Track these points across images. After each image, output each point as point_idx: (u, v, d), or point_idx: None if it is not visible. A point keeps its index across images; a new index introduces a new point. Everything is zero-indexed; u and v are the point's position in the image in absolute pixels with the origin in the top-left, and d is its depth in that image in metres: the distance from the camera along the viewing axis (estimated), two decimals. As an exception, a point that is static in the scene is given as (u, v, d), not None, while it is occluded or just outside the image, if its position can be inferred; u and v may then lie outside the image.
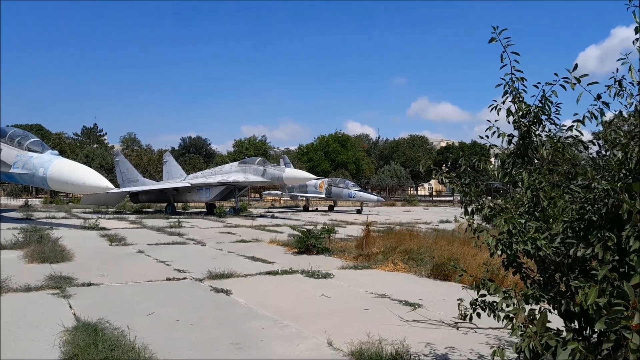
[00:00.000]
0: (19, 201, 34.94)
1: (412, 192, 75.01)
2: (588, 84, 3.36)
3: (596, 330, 2.59)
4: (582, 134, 3.62)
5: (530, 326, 2.79)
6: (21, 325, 5.65)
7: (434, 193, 76.36)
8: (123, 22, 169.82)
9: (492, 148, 4.02)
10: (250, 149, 62.59)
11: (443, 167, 4.27)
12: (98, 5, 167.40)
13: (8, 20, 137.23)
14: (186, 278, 8.83)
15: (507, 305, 3.16)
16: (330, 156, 70.03)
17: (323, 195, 36.67)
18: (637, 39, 3.25)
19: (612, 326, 2.29)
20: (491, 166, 4.49)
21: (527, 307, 3.14)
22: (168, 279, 8.66)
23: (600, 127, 3.69)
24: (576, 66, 3.41)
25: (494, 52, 3.84)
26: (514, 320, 2.96)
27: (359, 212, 34.64)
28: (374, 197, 36.55)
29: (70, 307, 6.54)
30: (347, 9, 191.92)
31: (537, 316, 2.97)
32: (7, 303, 6.64)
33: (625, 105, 3.42)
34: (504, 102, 3.79)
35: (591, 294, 2.51)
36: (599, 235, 2.81)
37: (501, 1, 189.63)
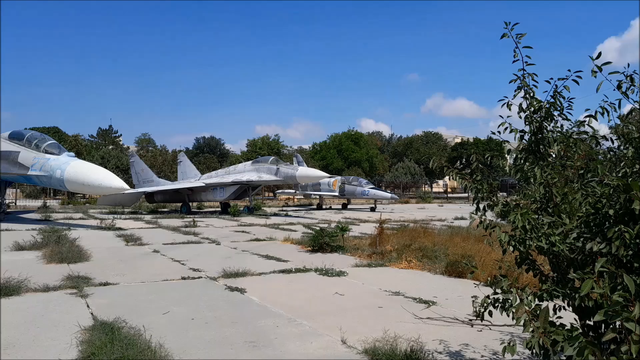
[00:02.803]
0: (38, 202, 35.51)
1: (426, 189, 74.51)
2: (609, 73, 3.29)
3: (594, 321, 2.55)
4: (594, 130, 3.57)
5: (534, 321, 2.77)
6: (40, 324, 5.75)
7: (449, 190, 75.90)
8: (137, 23, 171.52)
9: (504, 144, 3.98)
10: (264, 148, 62.80)
11: (457, 164, 4.22)
12: (112, 7, 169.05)
13: (23, 23, 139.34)
14: (201, 277, 8.91)
15: (513, 300, 3.14)
16: (344, 154, 69.91)
17: (336, 194, 36.64)
18: None
19: (612, 317, 2.27)
20: (506, 162, 4.45)
21: (533, 303, 3.11)
22: (183, 278, 8.74)
23: (617, 121, 3.63)
24: (600, 54, 3.35)
25: (510, 45, 3.80)
26: (517, 315, 2.94)
27: (372, 209, 34.56)
28: (388, 195, 36.40)
29: (88, 306, 6.64)
30: (360, 6, 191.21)
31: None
32: (26, 303, 6.76)
33: (637, 101, 3.35)
34: (514, 97, 3.75)
35: (586, 285, 2.49)
36: (615, 229, 2.77)
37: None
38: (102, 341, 4.86)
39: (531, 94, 3.71)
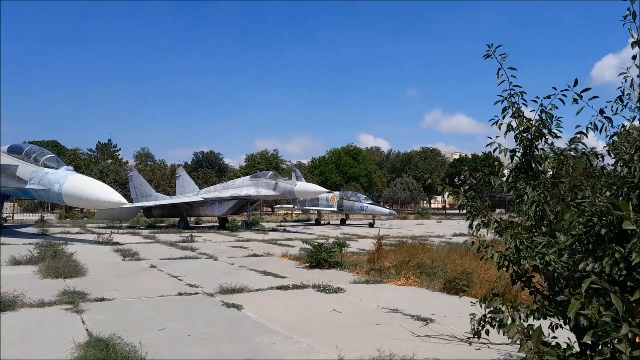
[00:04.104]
0: (35, 216, 35.40)
1: (424, 205, 74.54)
2: (589, 99, 3.35)
3: (585, 342, 2.54)
4: (585, 146, 3.60)
5: (528, 341, 2.76)
6: (34, 340, 5.70)
7: (447, 206, 75.81)
8: (136, 37, 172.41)
9: (496, 163, 4.02)
10: (262, 163, 62.89)
11: (456, 180, 4.25)
12: (110, 21, 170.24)
13: (23, 37, 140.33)
14: (198, 293, 8.86)
15: (505, 319, 3.13)
16: (342, 169, 70.04)
17: (335, 209, 36.63)
18: (634, 56, 3.25)
19: (601, 338, 2.27)
20: (503, 179, 4.47)
21: (528, 321, 3.10)
22: (180, 294, 8.69)
23: (609, 138, 3.66)
24: (576, 81, 3.41)
25: (509, 61, 3.83)
26: (509, 334, 2.93)
27: (371, 225, 34.53)
28: (386, 211, 36.40)
29: (83, 322, 6.59)
30: (359, 20, 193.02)
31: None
32: (21, 318, 6.71)
33: (629, 120, 3.40)
34: (503, 117, 3.79)
35: (573, 306, 2.49)
36: (607, 248, 2.78)
37: (516, 11, 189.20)
38: (97, 358, 4.82)
39: (520, 114, 3.74)
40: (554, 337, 3.03)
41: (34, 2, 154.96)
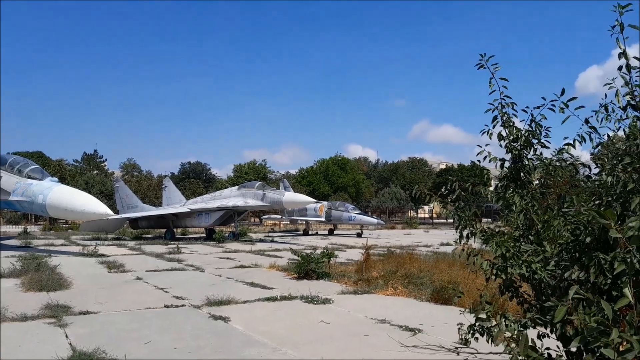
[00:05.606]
0: (18, 228, 34.83)
1: (412, 214, 74.87)
2: (575, 109, 3.41)
3: (573, 348, 2.56)
4: (573, 157, 3.65)
5: (515, 347, 2.77)
6: (16, 355, 5.58)
7: (435, 215, 76.24)
8: (122, 46, 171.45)
9: (485, 172, 4.05)
10: (250, 174, 62.71)
11: (443, 190, 4.28)
12: (94, 28, 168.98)
13: (7, 45, 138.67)
14: (184, 305, 8.76)
15: (494, 328, 3.14)
16: (330, 179, 70.08)
17: (323, 219, 36.60)
18: (620, 67, 3.31)
19: (590, 344, 2.28)
20: (490, 189, 4.51)
21: (516, 330, 3.11)
22: (166, 306, 8.58)
23: (595, 148, 3.72)
24: (563, 91, 3.47)
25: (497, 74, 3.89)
26: (497, 342, 2.94)
27: (359, 235, 34.54)
28: (374, 220, 36.48)
29: (67, 336, 6.47)
30: (348, 31, 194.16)
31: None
32: (3, 333, 6.56)
33: (613, 130, 3.46)
34: (494, 127, 3.84)
35: (560, 312, 2.51)
36: (592, 257, 2.81)
37: (502, 21, 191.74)
38: (81, 373, 4.72)
39: (510, 123, 3.79)
40: (547, 349, 3.04)
41: (15, 6, 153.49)
